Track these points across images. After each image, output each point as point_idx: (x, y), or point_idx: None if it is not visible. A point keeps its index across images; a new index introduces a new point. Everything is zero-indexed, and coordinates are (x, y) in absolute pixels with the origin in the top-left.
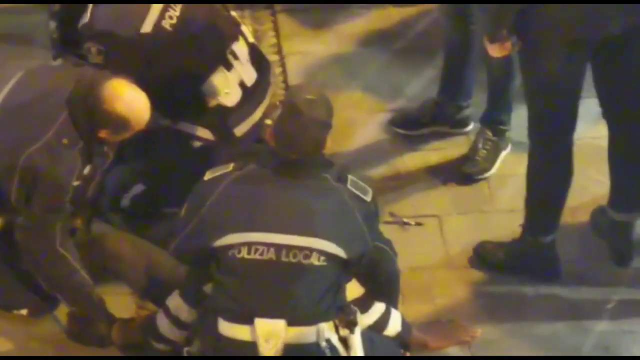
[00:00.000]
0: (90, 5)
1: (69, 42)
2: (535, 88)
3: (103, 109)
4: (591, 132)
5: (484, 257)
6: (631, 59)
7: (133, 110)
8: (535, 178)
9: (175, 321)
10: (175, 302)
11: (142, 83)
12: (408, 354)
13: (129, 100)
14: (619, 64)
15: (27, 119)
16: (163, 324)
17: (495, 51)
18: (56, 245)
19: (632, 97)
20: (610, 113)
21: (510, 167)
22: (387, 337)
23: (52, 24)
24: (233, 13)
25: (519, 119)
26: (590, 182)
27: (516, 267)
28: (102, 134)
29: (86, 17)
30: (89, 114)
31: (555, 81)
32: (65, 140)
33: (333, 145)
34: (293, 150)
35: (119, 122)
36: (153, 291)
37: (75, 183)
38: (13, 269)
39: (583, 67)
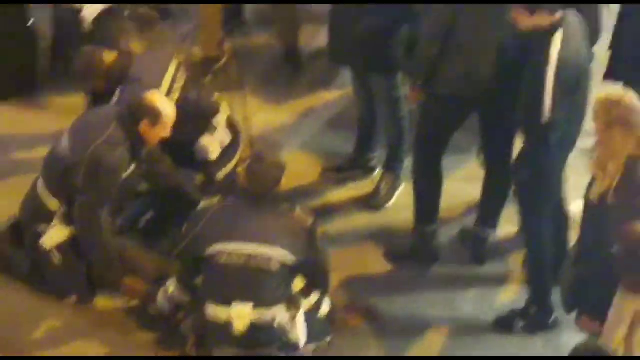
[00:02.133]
0: (117, 90)
1: None
2: (426, 124)
3: (144, 103)
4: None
5: (392, 251)
6: (499, 115)
7: (165, 107)
8: (419, 181)
9: (169, 299)
10: (172, 287)
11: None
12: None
13: (163, 100)
14: (492, 117)
15: (90, 131)
16: (160, 297)
17: (413, 98)
18: (100, 220)
19: (501, 145)
20: (486, 153)
21: (404, 199)
22: (320, 316)
23: (89, 98)
24: (215, 94)
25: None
26: (462, 193)
27: (411, 255)
28: (142, 125)
29: (114, 99)
30: (133, 111)
31: (441, 121)
32: (117, 138)
33: (284, 184)
34: (259, 186)
35: (155, 113)
36: (159, 284)
37: (124, 175)
38: (76, 264)
39: (464, 115)
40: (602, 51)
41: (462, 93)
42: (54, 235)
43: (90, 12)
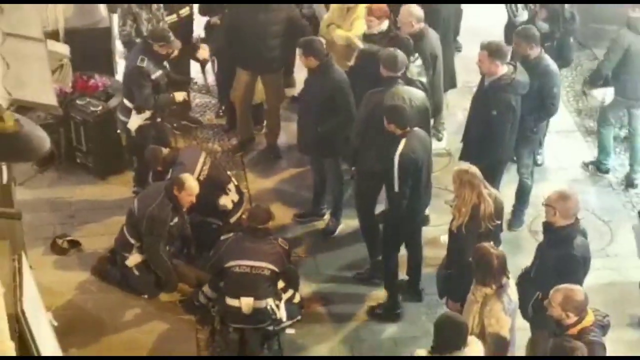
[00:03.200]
0: (170, 171)
1: None
2: (357, 191)
3: (179, 179)
4: None
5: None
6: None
7: (192, 184)
8: (361, 226)
9: (205, 295)
10: (206, 288)
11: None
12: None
13: (191, 179)
14: (391, 186)
15: (148, 198)
16: (201, 295)
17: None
18: (160, 251)
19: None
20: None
21: (342, 232)
22: (294, 303)
23: (136, 175)
24: (228, 172)
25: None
26: None
27: (366, 278)
28: (176, 191)
29: (168, 177)
30: (172, 184)
31: (365, 188)
32: (164, 203)
33: (270, 225)
34: (257, 222)
35: (186, 186)
36: (199, 287)
37: (171, 223)
38: (147, 276)
39: (378, 183)
40: (457, 143)
41: (372, 168)
42: (133, 259)
43: (132, 125)
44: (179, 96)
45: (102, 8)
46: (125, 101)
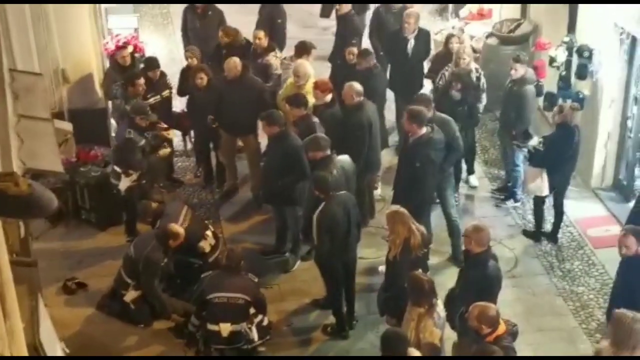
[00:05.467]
0: (158, 222)
1: None
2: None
3: (169, 229)
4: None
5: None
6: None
7: (180, 232)
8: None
9: (192, 323)
10: (192, 318)
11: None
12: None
13: (177, 227)
14: None
15: (143, 244)
16: (190, 324)
17: None
18: (155, 286)
19: None
20: None
21: (301, 267)
22: (264, 325)
23: (126, 223)
24: (206, 221)
25: None
26: None
27: (321, 304)
28: (171, 242)
29: (157, 225)
30: (163, 233)
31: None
32: (156, 248)
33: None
34: (232, 262)
35: (176, 235)
36: (186, 316)
37: (162, 264)
38: (142, 308)
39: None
40: (389, 190)
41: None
42: (130, 295)
43: (122, 186)
44: (163, 153)
45: (99, 92)
46: (116, 167)
